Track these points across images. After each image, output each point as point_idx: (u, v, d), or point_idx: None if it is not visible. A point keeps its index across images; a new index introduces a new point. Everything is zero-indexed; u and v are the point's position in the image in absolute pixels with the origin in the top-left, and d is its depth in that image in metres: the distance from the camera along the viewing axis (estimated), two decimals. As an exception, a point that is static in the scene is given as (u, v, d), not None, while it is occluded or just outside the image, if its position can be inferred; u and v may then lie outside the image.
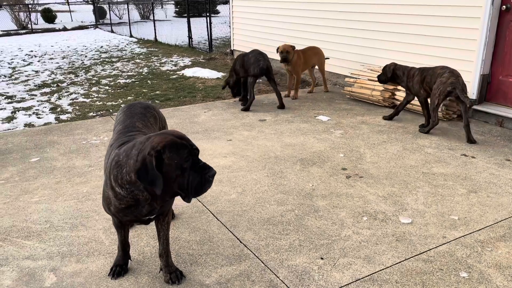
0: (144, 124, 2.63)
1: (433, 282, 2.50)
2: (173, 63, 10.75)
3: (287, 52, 6.37)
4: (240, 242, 2.94)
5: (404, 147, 4.61)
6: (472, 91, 5.45)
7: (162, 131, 2.24)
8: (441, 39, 5.70)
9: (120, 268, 2.58)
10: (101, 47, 14.59)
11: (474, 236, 2.96)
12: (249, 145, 4.77)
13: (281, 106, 6.21)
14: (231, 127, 5.41)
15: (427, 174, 3.95)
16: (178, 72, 9.41)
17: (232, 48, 10.87)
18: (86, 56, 12.34)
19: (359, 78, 6.54)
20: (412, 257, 2.74)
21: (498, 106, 5.41)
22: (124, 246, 2.58)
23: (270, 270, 2.64)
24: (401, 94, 5.91)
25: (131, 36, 18.02)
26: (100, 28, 22.93)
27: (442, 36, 5.69)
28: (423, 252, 2.79)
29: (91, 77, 9.20)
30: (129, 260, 2.67)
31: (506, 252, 2.76)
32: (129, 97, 7.29)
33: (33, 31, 21.08)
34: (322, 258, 2.75)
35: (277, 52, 6.50)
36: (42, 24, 25.50)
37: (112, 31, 20.63)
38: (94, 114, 6.30)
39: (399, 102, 5.97)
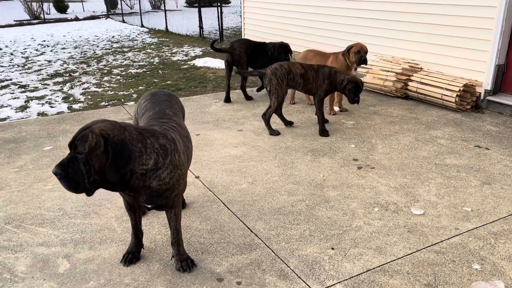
0: (173, 112, 2.69)
1: (445, 274, 2.48)
2: (184, 53, 10.74)
3: (365, 53, 5.07)
4: (251, 231, 2.95)
5: (416, 138, 4.56)
6: (487, 81, 5.35)
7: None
8: (456, 28, 5.59)
9: (132, 256, 2.61)
10: (113, 37, 14.63)
11: (487, 228, 2.93)
12: (260, 135, 4.76)
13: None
14: (242, 117, 5.40)
15: (439, 165, 3.91)
16: (189, 62, 9.40)
17: (243, 37, 10.82)
18: (97, 46, 12.38)
19: (371, 69, 6.46)
20: (424, 248, 2.72)
21: (514, 97, 5.31)
22: (136, 232, 2.61)
23: (281, 259, 2.64)
24: (413, 85, 5.83)
25: (142, 26, 18.04)
26: (111, 18, 22.97)
27: (457, 25, 5.58)
28: (435, 244, 2.77)
29: (102, 67, 9.24)
30: (142, 248, 2.70)
31: (520, 245, 2.73)
32: (140, 87, 7.31)
33: (45, 21, 21.20)
34: (333, 248, 2.74)
35: (349, 52, 5.09)
36: (54, 14, 25.63)
37: (123, 21, 20.66)
38: (106, 104, 6.33)
39: (411, 92, 5.89)
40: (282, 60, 5.95)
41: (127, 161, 2.00)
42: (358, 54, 4.99)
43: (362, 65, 5.11)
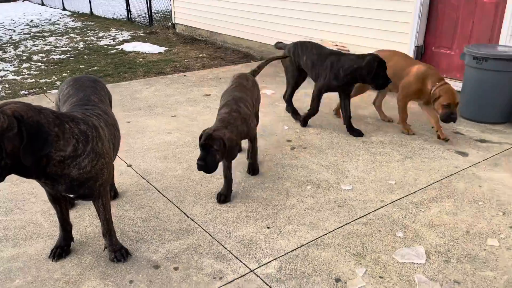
0: (99, 99, 2.58)
1: (372, 243, 2.65)
2: (111, 37, 10.24)
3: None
4: (187, 216, 2.93)
5: (345, 118, 4.76)
6: (408, 62, 5.69)
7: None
8: (379, 11, 5.86)
9: (61, 250, 2.49)
10: (31, 21, 13.56)
11: (409, 199, 3.15)
12: (194, 120, 4.70)
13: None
14: (175, 102, 5.30)
15: (366, 142, 4.12)
16: (117, 47, 8.99)
17: (173, 22, 10.53)
18: (14, 31, 11.42)
19: (302, 51, 6.60)
20: (353, 221, 2.88)
21: (431, 76, 5.71)
22: (64, 225, 2.48)
23: (218, 241, 2.66)
24: (342, 67, 6.04)
25: (64, 9, 16.88)
26: (29, 1, 21.23)
27: (380, 9, 5.85)
28: (363, 216, 2.93)
29: (21, 53, 8.56)
30: (72, 242, 2.58)
31: (437, 212, 2.98)
32: (64, 74, 6.88)
33: (-50, 3, 19.09)
34: (268, 227, 2.81)
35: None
36: (-39, -5, 23.13)
37: (42, 4, 19.18)
38: (26, 93, 5.89)
39: (340, 75, 6.11)
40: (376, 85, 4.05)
41: (43, 144, 1.88)
42: (448, 108, 3.91)
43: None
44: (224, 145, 2.83)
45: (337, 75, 4.10)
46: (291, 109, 4.74)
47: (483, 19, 5.05)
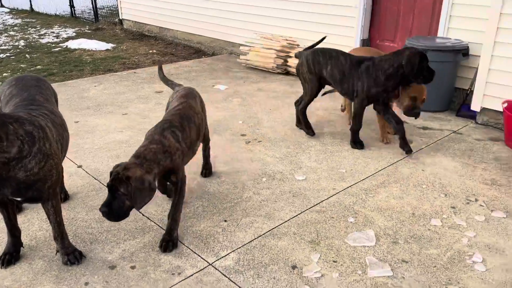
0: (44, 98, 2.48)
1: (326, 229, 2.75)
2: (54, 34, 9.80)
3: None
4: (143, 215, 2.89)
5: (297, 111, 4.87)
6: (355, 55, 5.90)
7: None
8: (327, 6, 6.01)
9: (10, 256, 2.38)
10: (-36, 17, 12.68)
11: (359, 185, 3.29)
12: (146, 118, 4.63)
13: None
14: (125, 100, 5.18)
15: (318, 134, 4.24)
16: (61, 45, 8.62)
17: (121, 17, 10.24)
18: None
19: (253, 47, 6.66)
20: (307, 209, 2.97)
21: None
22: (12, 230, 2.38)
23: (175, 238, 2.66)
24: (292, 61, 6.16)
25: (1, 6, 15.91)
26: (-40, -4, 19.79)
27: (327, 3, 6.00)
28: (316, 204, 3.03)
29: (-46, 52, 8.00)
30: (21, 247, 2.48)
31: (385, 197, 3.13)
32: (4, 74, 6.52)
33: None
34: (225, 221, 2.84)
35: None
36: None
37: (-24, 0, 17.95)
38: (-38, 94, 5.52)
39: (291, 68, 6.23)
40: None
41: None
42: (414, 101, 3.73)
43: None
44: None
45: (376, 80, 3.64)
46: (305, 122, 4.18)
47: (423, 13, 5.33)
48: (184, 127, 2.67)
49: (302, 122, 4.20)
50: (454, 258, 2.49)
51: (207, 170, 3.42)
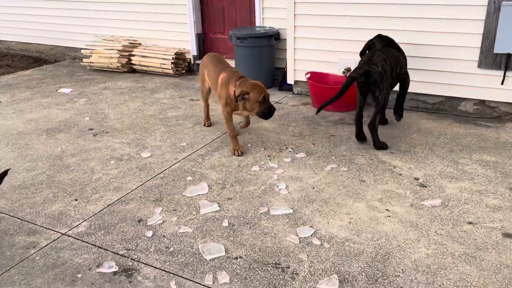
0: None
1: (168, 189, 3.25)
2: None
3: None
4: (-8, 210, 3.02)
5: (143, 102, 5.28)
6: (193, 48, 6.51)
7: None
8: (161, 5, 6.50)
9: None
10: None
11: (197, 153, 3.87)
12: (-14, 127, 4.54)
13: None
14: (-41, 114, 4.95)
15: (163, 119, 4.72)
16: None
17: None
18: None
19: (95, 49, 6.80)
20: (152, 178, 3.44)
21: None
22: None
23: (27, 221, 2.88)
24: (136, 59, 6.51)
25: None
26: None
27: (160, 3, 6.48)
28: (160, 173, 3.52)
29: None
30: None
31: (218, 158, 3.76)
32: None
33: None
34: (76, 200, 3.14)
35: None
36: None
37: None
38: None
39: (136, 66, 6.57)
40: None
41: None
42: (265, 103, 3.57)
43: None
44: None
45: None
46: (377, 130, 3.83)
47: (243, 6, 6.17)
48: None
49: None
50: (266, 190, 3.22)
51: None
